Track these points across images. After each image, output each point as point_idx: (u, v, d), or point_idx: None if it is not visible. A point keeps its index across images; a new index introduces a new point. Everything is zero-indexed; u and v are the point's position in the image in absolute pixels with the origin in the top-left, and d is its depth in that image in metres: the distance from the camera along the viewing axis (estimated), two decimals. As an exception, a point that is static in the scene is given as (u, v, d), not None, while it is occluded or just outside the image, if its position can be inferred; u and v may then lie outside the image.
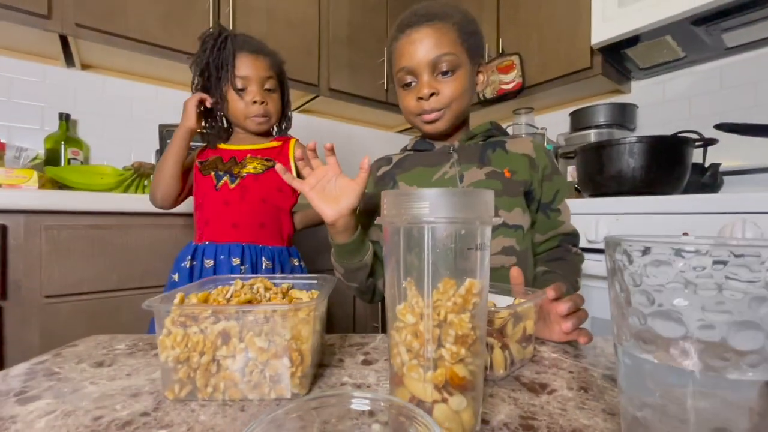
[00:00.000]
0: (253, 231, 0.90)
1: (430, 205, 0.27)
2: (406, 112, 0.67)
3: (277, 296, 0.45)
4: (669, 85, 1.58)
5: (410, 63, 0.62)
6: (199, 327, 0.35)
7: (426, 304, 0.28)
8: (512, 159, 0.67)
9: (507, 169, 0.66)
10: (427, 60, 0.61)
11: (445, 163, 0.68)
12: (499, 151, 0.68)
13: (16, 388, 0.38)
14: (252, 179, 0.91)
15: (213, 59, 0.87)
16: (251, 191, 0.90)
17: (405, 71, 0.63)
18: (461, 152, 0.68)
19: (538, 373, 0.42)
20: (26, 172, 0.99)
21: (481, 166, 0.66)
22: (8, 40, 1.27)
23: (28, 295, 0.88)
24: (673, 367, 0.23)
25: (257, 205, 0.91)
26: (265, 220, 0.92)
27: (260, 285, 0.45)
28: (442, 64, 0.61)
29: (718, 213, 0.80)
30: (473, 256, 0.29)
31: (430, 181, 0.68)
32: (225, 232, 0.88)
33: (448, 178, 0.67)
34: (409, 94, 0.65)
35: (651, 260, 0.23)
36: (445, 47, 0.61)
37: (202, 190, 0.91)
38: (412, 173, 0.70)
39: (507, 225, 0.64)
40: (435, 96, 0.62)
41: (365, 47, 1.86)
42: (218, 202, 0.89)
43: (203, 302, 0.40)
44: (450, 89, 0.62)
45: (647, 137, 0.96)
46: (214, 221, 0.89)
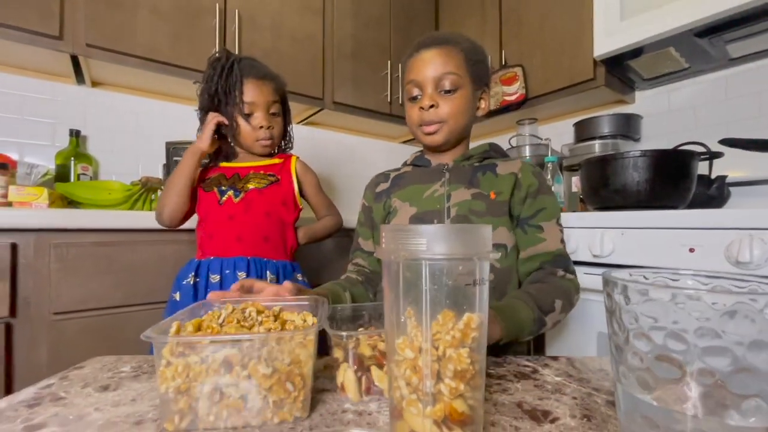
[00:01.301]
0: (258, 244, 0.91)
1: (428, 241, 0.28)
2: (410, 122, 0.73)
3: (269, 319, 0.45)
4: (674, 95, 1.57)
5: (417, 77, 0.69)
6: (199, 356, 0.35)
7: (424, 339, 0.28)
8: (500, 181, 0.70)
9: (493, 191, 0.69)
10: (433, 76, 0.67)
11: (437, 182, 0.72)
12: (488, 174, 0.71)
13: (23, 415, 0.38)
14: (256, 193, 0.93)
15: (221, 85, 0.89)
16: (255, 205, 0.92)
17: (413, 84, 0.70)
18: (453, 172, 0.72)
19: (541, 399, 0.42)
20: (37, 190, 1.01)
21: (468, 188, 0.70)
22: (21, 60, 1.31)
23: (37, 312, 0.89)
24: (673, 410, 0.23)
25: (261, 218, 0.92)
26: (269, 233, 0.93)
27: (252, 309, 0.45)
28: (445, 82, 0.67)
29: (725, 228, 0.79)
30: (471, 291, 0.29)
31: (421, 198, 0.72)
32: (229, 246, 0.89)
33: (437, 196, 0.71)
34: (414, 106, 0.71)
35: (649, 301, 0.23)
36: (450, 67, 0.67)
37: (205, 205, 0.92)
38: (406, 190, 0.75)
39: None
40: (434, 108, 0.68)
41: (369, 61, 1.88)
42: (222, 217, 0.90)
43: (197, 330, 0.41)
44: (448, 106, 0.68)
45: (651, 151, 0.96)
46: (218, 235, 0.90)
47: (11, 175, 1.04)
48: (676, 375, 0.23)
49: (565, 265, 0.67)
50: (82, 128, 1.46)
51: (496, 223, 0.68)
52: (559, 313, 0.61)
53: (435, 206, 0.70)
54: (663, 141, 1.58)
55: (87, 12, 1.22)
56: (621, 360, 0.25)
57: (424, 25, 2.09)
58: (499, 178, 0.70)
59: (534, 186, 0.69)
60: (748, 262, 0.72)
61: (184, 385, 0.34)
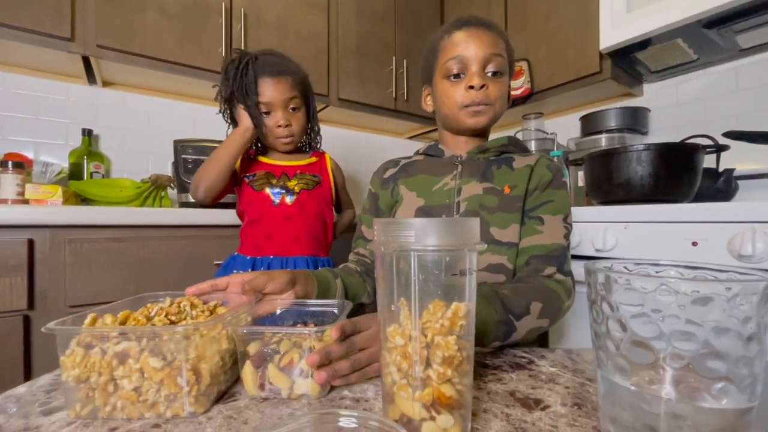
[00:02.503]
0: (311, 243, 0.96)
1: (416, 234, 0.29)
2: (452, 103, 0.67)
3: (203, 314, 0.47)
4: (682, 87, 1.55)
5: (465, 53, 0.64)
6: (101, 347, 0.36)
7: (413, 327, 0.30)
8: (515, 174, 0.67)
9: (507, 185, 0.66)
10: (483, 54, 0.63)
11: (448, 174, 0.69)
12: (504, 168, 0.68)
13: (41, 399, 0.41)
14: (306, 195, 0.96)
15: (237, 87, 0.90)
16: (308, 206, 0.96)
17: (457, 60, 0.65)
18: (466, 165, 0.69)
19: (534, 388, 0.43)
20: (52, 188, 1.05)
21: (481, 181, 0.67)
22: (35, 62, 1.35)
23: (54, 305, 0.93)
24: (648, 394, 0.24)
25: (313, 219, 0.97)
26: (318, 233, 0.99)
27: (186, 303, 0.46)
28: (493, 63, 0.64)
29: (729, 222, 0.78)
30: (459, 281, 0.30)
31: (430, 190, 0.69)
32: (288, 246, 0.94)
33: (446, 190, 0.68)
34: (457, 85, 0.66)
35: (625, 289, 0.25)
36: (499, 49, 0.65)
37: (259, 205, 0.94)
38: (414, 179, 0.72)
39: (499, 242, 0.63)
40: (485, 89, 0.64)
41: (374, 57, 1.88)
42: (279, 218, 0.94)
43: (123, 322, 0.42)
44: (497, 88, 0.65)
45: (656, 144, 0.95)
46: (277, 236, 0.93)
47: (27, 174, 1.08)
48: (651, 360, 0.24)
49: (559, 264, 0.60)
50: (94, 127, 1.50)
51: (509, 219, 0.64)
52: (537, 318, 0.53)
53: (444, 200, 0.67)
54: (671, 134, 1.56)
55: (97, 14, 1.25)
56: (600, 346, 0.26)
57: (429, 21, 2.08)
58: (515, 171, 0.67)
59: (546, 178, 0.66)
60: (750, 255, 0.72)
61: (83, 374, 0.36)
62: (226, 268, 0.96)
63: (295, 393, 0.41)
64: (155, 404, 0.36)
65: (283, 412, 0.38)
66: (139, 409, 0.36)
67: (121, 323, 0.44)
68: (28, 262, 0.89)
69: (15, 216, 0.88)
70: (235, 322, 0.45)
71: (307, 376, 0.41)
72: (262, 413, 0.38)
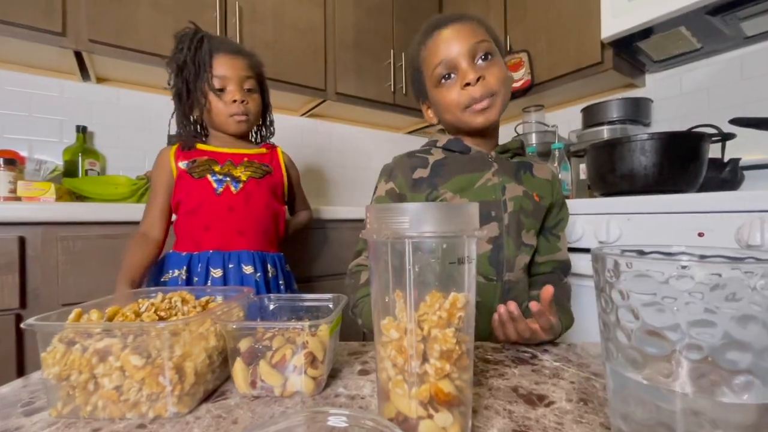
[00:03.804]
0: (258, 238, 0.88)
1: (410, 219, 0.27)
2: (452, 107, 0.64)
3: (195, 310, 0.45)
4: (686, 77, 1.52)
5: (447, 54, 0.62)
6: (82, 344, 0.35)
7: (409, 319, 0.28)
8: (538, 184, 0.69)
9: (536, 193, 0.68)
10: (466, 47, 0.61)
11: (487, 170, 0.66)
12: (528, 175, 0.69)
13: (24, 399, 0.39)
14: (254, 184, 0.88)
15: (190, 58, 0.84)
16: (255, 197, 0.88)
17: (443, 65, 0.62)
18: (499, 163, 0.68)
19: (538, 383, 0.41)
20: (44, 185, 1.03)
21: (518, 183, 0.67)
22: (27, 57, 1.32)
23: (46, 303, 0.92)
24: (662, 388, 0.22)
25: (261, 210, 0.89)
26: (267, 226, 0.91)
27: (177, 298, 0.45)
28: (480, 50, 0.61)
29: (735, 212, 0.76)
30: (458, 270, 0.29)
31: (473, 188, 0.65)
32: (231, 239, 0.85)
33: (491, 186, 0.65)
34: (451, 87, 0.63)
35: (637, 275, 0.23)
36: (479, 36, 0.62)
37: (197, 194, 0.85)
38: (454, 181, 0.66)
39: (526, 244, 0.67)
40: (482, 81, 0.61)
41: (371, 50, 1.86)
42: (221, 208, 0.84)
43: (111, 317, 0.41)
44: (493, 73, 0.62)
45: (660, 134, 0.93)
46: (217, 227, 0.84)
47: (19, 171, 1.06)
48: (666, 351, 0.22)
49: (568, 272, 0.73)
50: (88, 124, 1.48)
51: (534, 225, 0.68)
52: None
53: (491, 196, 0.64)
54: (675, 125, 1.53)
55: (89, 8, 1.23)
56: (609, 337, 0.25)
57: (427, 12, 2.05)
58: (537, 181, 0.69)
59: (560, 198, 0.72)
60: (759, 245, 0.70)
61: (63, 372, 0.34)
62: (161, 269, 0.85)
63: (289, 390, 0.39)
64: (137, 404, 0.35)
65: (275, 411, 0.37)
66: (121, 409, 0.35)
67: (109, 319, 0.42)
68: (19, 260, 0.88)
69: (5, 213, 0.87)
70: (226, 317, 0.44)
71: (301, 372, 0.39)
72: (253, 412, 0.36)
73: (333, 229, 1.39)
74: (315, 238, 1.36)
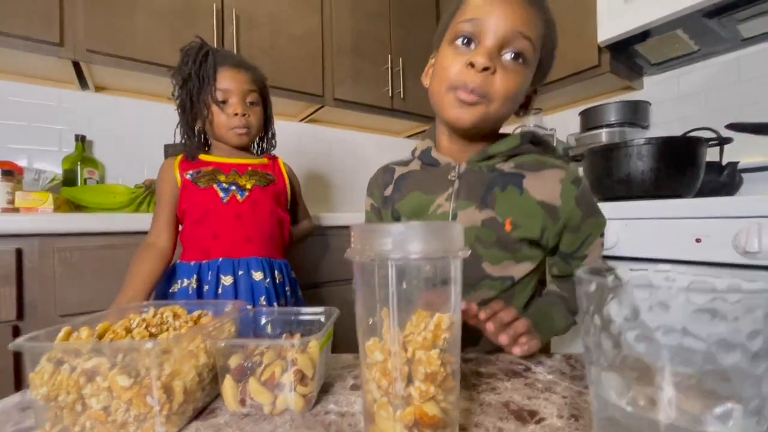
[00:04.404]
0: (266, 244, 0.90)
1: (394, 241, 0.27)
2: (444, 76, 0.53)
3: (187, 325, 0.45)
4: (683, 79, 1.52)
5: (486, 18, 0.49)
6: (70, 364, 0.34)
7: (392, 341, 0.28)
8: (523, 205, 0.55)
9: (510, 219, 0.55)
10: (507, 28, 0.49)
11: (442, 193, 0.58)
12: (510, 190, 0.55)
13: (14, 417, 0.39)
14: (260, 192, 0.90)
15: (195, 71, 0.86)
16: (261, 204, 0.89)
17: (473, 23, 0.50)
18: (465, 180, 0.57)
19: (530, 398, 0.41)
20: (42, 195, 1.03)
21: (481, 208, 0.56)
22: (25, 68, 1.33)
23: (44, 315, 0.92)
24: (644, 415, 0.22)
25: (267, 217, 0.90)
26: (273, 233, 0.92)
27: (169, 313, 0.44)
28: (515, 45, 0.49)
29: (732, 217, 0.76)
30: (443, 291, 0.28)
31: (426, 213, 0.60)
32: (239, 247, 0.86)
33: (440, 214, 0.58)
34: (458, 55, 0.51)
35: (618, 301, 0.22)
36: (530, 31, 0.50)
37: (204, 203, 0.86)
38: (408, 199, 0.62)
39: (491, 276, 0.57)
40: (487, 74, 0.50)
41: (369, 56, 1.86)
42: (228, 216, 0.85)
43: (101, 334, 0.40)
44: (505, 79, 0.50)
45: (656, 139, 0.93)
46: (226, 235, 0.85)
47: (17, 182, 1.07)
48: (647, 378, 0.22)
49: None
50: (87, 133, 1.49)
51: (503, 256, 0.56)
52: None
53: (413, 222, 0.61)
54: (673, 127, 1.53)
55: (86, 18, 1.23)
56: (592, 361, 0.24)
57: (425, 17, 2.06)
58: (524, 200, 0.55)
59: (576, 219, 0.55)
60: (756, 251, 0.70)
61: (52, 392, 0.34)
62: (168, 280, 0.86)
63: (278, 408, 0.39)
64: (125, 424, 0.34)
65: (264, 429, 0.36)
66: (109, 429, 0.34)
67: (100, 336, 0.42)
68: (16, 272, 0.88)
69: (2, 225, 0.87)
70: (217, 333, 0.44)
71: (291, 390, 0.39)
72: (242, 430, 0.36)
73: (335, 235, 1.39)
74: (317, 245, 1.36)
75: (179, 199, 0.88)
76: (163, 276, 0.85)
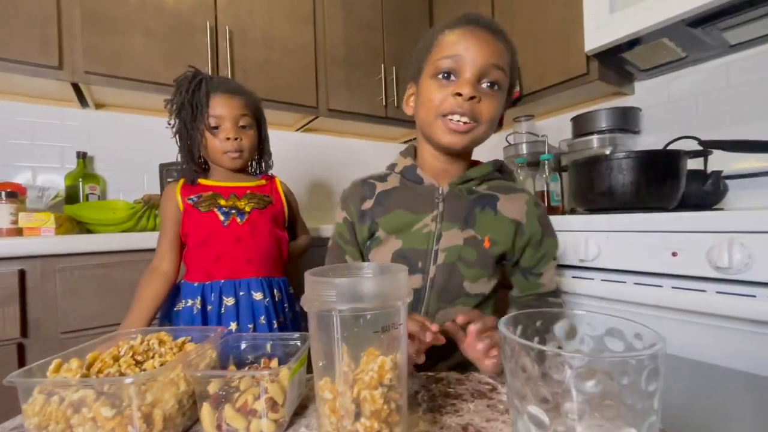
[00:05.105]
0: (265, 264, 0.93)
1: (338, 294, 0.30)
2: (432, 106, 0.59)
3: (171, 351, 0.47)
4: (673, 85, 1.53)
5: (464, 53, 0.56)
6: (60, 396, 0.37)
7: (340, 382, 0.31)
8: (498, 224, 0.63)
9: (488, 237, 0.62)
10: (483, 61, 0.56)
11: (428, 214, 0.63)
12: (487, 212, 0.63)
13: (11, 442, 0.43)
14: (258, 214, 0.93)
15: (188, 100, 0.89)
16: (259, 226, 0.93)
17: (453, 60, 0.57)
18: (449, 202, 0.63)
19: (489, 420, 0.43)
20: (44, 216, 1.08)
21: (463, 228, 0.62)
22: (27, 89, 1.38)
23: (46, 332, 0.96)
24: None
25: (266, 239, 0.94)
26: (272, 253, 0.96)
27: (155, 340, 0.46)
28: (491, 75, 0.57)
29: (707, 232, 0.78)
30: (389, 335, 0.31)
31: (409, 231, 0.64)
32: (240, 268, 0.90)
33: (425, 233, 0.63)
34: (442, 88, 0.58)
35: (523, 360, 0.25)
36: (502, 61, 0.58)
37: (206, 227, 0.90)
38: (391, 217, 0.65)
39: (468, 294, 0.63)
40: (474, 102, 0.57)
41: (362, 66, 1.89)
42: (229, 239, 0.89)
43: (91, 364, 0.43)
44: (489, 105, 0.58)
45: (636, 152, 0.94)
46: (227, 257, 0.89)
47: (21, 202, 1.11)
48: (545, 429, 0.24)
49: (557, 296, 0.68)
50: (88, 149, 1.53)
51: (481, 274, 0.63)
52: None
53: (422, 245, 0.62)
54: (664, 133, 1.53)
55: (84, 40, 1.27)
56: (511, 403, 0.27)
57: (418, 26, 2.08)
58: (498, 219, 0.63)
59: (537, 235, 0.64)
60: (727, 267, 0.71)
61: (43, 422, 0.37)
62: (174, 299, 0.90)
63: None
64: None
65: (238, 454, 0.39)
66: None
67: (89, 365, 0.46)
68: (20, 292, 0.92)
69: (6, 249, 0.92)
70: (199, 359, 0.47)
71: (263, 416, 0.42)
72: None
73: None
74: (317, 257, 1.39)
75: (182, 223, 0.92)
76: (167, 297, 0.89)
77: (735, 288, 0.73)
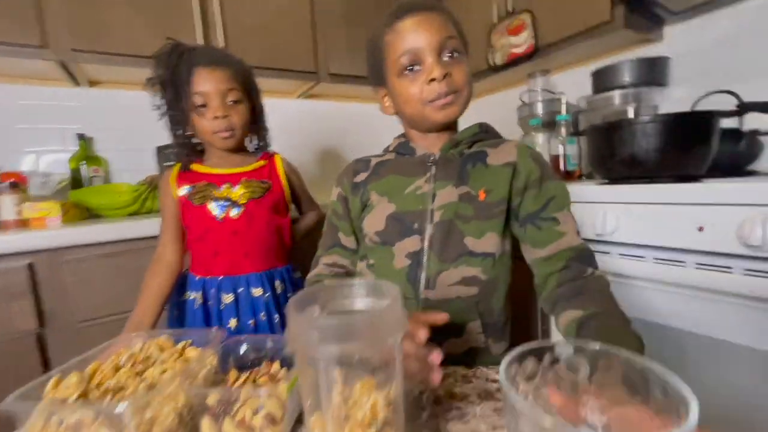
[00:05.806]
0: (266, 256, 0.90)
1: (324, 337, 0.27)
2: (414, 100, 0.61)
3: (172, 358, 0.46)
4: (709, 28, 1.36)
5: (416, 44, 0.58)
6: (59, 417, 0.36)
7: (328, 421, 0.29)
8: (491, 174, 0.62)
9: (483, 189, 0.61)
10: (436, 41, 0.58)
11: (421, 176, 0.64)
12: (478, 167, 0.62)
13: None
14: (254, 205, 0.89)
15: (168, 78, 0.82)
16: (257, 217, 0.89)
17: (409, 54, 0.59)
18: (441, 164, 0.64)
19: (495, 428, 0.42)
20: (49, 205, 1.07)
21: (457, 185, 0.62)
22: (16, 70, 1.32)
23: (64, 321, 0.99)
24: None
25: (264, 230, 0.90)
26: (272, 243, 0.92)
27: (155, 348, 0.45)
28: (448, 46, 0.59)
29: (738, 205, 0.71)
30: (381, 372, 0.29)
31: (402, 193, 0.64)
32: (238, 263, 0.87)
33: (419, 194, 0.63)
34: (414, 79, 0.60)
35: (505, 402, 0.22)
36: (449, 31, 0.60)
37: (201, 222, 0.87)
38: (385, 181, 0.67)
39: (472, 253, 0.60)
40: (448, 77, 0.59)
41: (363, 23, 1.75)
42: (225, 234, 0.86)
43: (91, 375, 0.42)
44: (460, 72, 0.60)
45: (663, 116, 0.85)
46: (225, 252, 0.87)
47: (23, 191, 1.10)
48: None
49: (591, 261, 0.56)
50: (88, 130, 1.50)
51: (485, 228, 0.60)
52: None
53: (417, 206, 0.62)
54: (696, 86, 1.39)
55: (67, 16, 1.20)
56: None
57: (423, -28, 1.89)
58: (490, 170, 0.62)
59: (535, 173, 0.60)
60: (759, 245, 0.66)
61: None
62: (181, 288, 0.90)
63: (253, 447, 0.42)
64: None
65: (239, 468, 0.39)
66: None
67: (90, 376, 0.46)
68: (32, 285, 0.94)
69: (12, 244, 0.92)
70: (199, 367, 0.46)
71: (262, 430, 0.41)
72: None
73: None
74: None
75: (182, 214, 0.89)
76: (173, 287, 0.89)
77: (765, 266, 0.68)
